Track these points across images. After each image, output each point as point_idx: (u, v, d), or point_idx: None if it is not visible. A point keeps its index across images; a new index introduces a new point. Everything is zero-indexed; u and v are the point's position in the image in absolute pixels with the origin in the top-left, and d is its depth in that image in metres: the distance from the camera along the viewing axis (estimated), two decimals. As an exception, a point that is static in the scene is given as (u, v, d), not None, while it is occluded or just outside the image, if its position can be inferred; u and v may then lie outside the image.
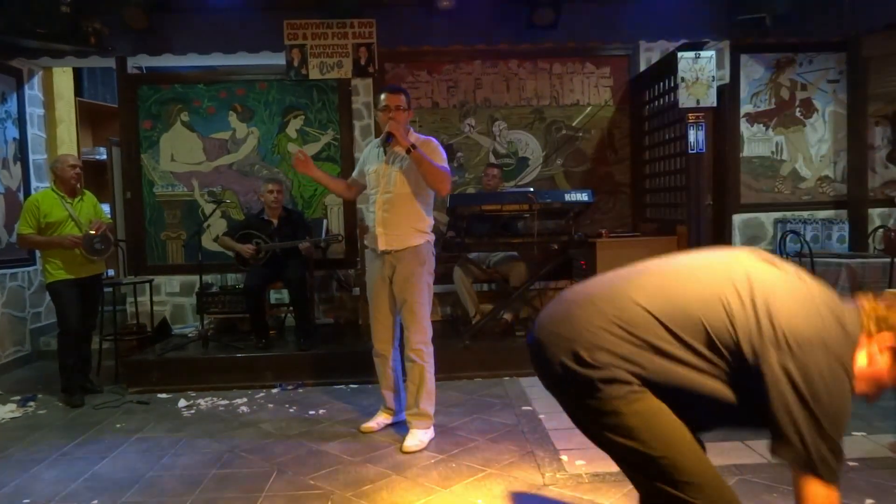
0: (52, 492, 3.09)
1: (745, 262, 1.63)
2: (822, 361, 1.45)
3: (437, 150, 3.52)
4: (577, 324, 1.65)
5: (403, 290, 3.50)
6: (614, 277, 1.76)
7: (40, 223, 4.41)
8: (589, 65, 6.19)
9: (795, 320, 1.48)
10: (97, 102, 7.40)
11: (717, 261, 1.68)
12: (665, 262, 1.76)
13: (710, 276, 1.62)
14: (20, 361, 5.78)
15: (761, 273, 1.59)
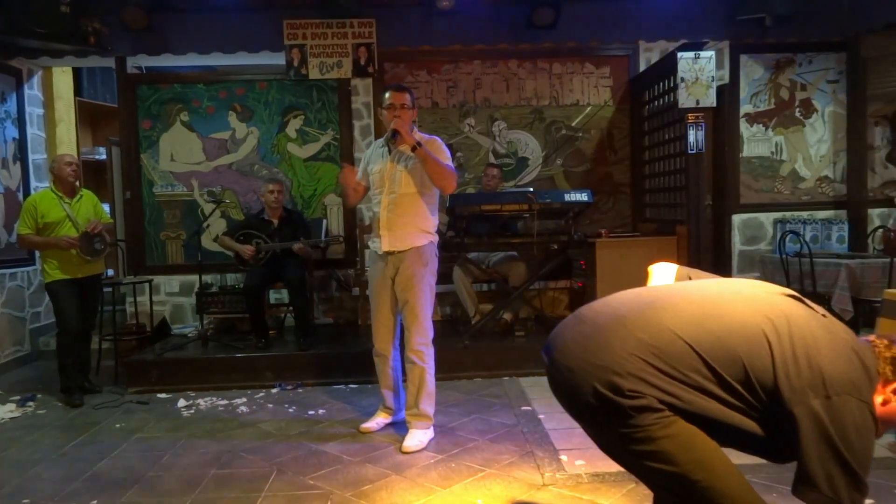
0: (51, 492, 3.09)
1: (781, 301, 1.62)
2: (855, 407, 1.45)
3: (441, 149, 3.51)
4: (612, 350, 1.58)
5: (406, 290, 3.49)
6: (643, 299, 1.70)
7: (38, 223, 4.41)
8: (588, 65, 6.19)
9: (832, 365, 1.48)
10: (97, 102, 7.39)
11: (753, 296, 1.65)
12: (696, 288, 1.72)
13: (749, 311, 1.59)
14: (20, 361, 5.78)
15: (798, 314, 1.57)
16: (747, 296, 1.66)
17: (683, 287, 1.74)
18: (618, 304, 1.73)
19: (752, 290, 1.68)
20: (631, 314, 1.65)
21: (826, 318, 1.59)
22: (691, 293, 1.69)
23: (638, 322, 1.61)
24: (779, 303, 1.61)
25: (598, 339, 1.63)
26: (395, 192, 3.47)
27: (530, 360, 4.92)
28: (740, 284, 1.72)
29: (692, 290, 1.71)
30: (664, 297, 1.69)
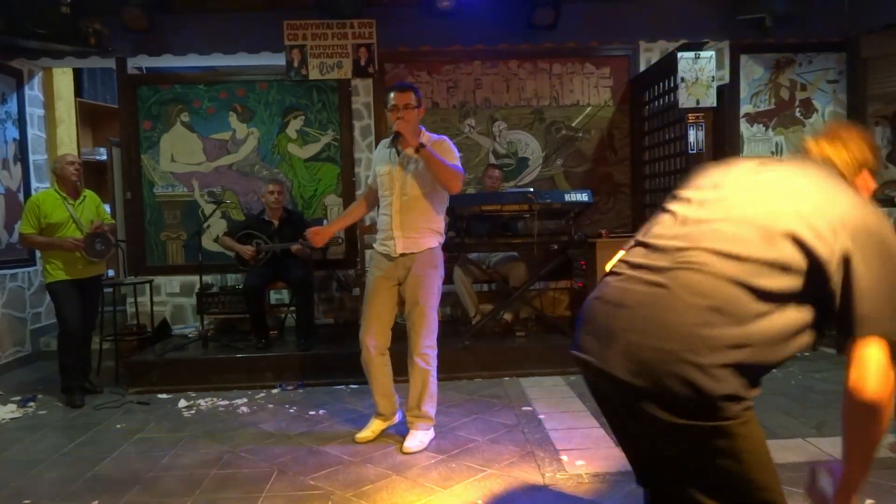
0: (52, 492, 3.09)
1: (783, 173, 1.51)
2: (877, 219, 1.39)
3: (449, 149, 3.46)
4: (675, 328, 1.36)
5: (416, 292, 3.44)
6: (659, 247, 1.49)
7: (41, 224, 4.41)
8: (589, 65, 6.19)
9: (846, 206, 1.40)
10: (97, 103, 7.40)
11: (755, 181, 1.51)
12: (701, 206, 1.51)
13: (765, 196, 1.45)
14: (20, 362, 5.78)
15: (805, 180, 1.48)
16: (752, 183, 1.51)
17: (692, 209, 1.53)
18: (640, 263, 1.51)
19: (752, 179, 1.53)
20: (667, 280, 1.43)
21: (808, 167, 1.54)
22: (706, 214, 1.49)
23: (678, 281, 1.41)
24: (783, 176, 1.51)
25: (652, 319, 1.40)
26: (407, 194, 3.43)
27: (531, 360, 4.92)
28: (738, 175, 1.55)
29: (708, 209, 1.50)
30: (686, 235, 1.48)
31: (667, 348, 1.36)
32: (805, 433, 3.41)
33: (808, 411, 3.82)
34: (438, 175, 3.35)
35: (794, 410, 3.81)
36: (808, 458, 3.12)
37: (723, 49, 5.98)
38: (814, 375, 4.60)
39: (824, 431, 3.43)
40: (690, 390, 1.32)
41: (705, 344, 1.34)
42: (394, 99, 3.42)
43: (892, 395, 1.30)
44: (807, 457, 3.13)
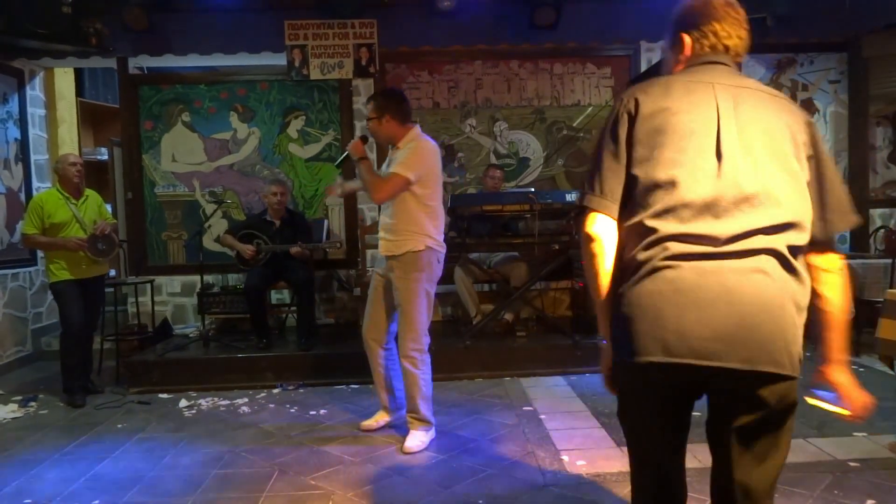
0: (53, 492, 3.10)
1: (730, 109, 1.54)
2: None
3: (403, 155, 3.42)
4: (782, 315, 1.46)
5: (399, 294, 3.47)
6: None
7: (44, 224, 4.41)
8: (590, 65, 6.19)
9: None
10: (98, 103, 7.40)
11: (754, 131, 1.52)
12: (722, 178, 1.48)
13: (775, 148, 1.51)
14: (21, 362, 5.79)
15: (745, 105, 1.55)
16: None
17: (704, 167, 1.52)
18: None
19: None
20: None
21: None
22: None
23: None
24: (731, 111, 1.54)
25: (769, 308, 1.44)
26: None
27: (532, 360, 4.92)
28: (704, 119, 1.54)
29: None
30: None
31: (780, 335, 1.45)
32: (805, 433, 3.40)
33: (807, 411, 3.81)
34: (365, 188, 3.54)
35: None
36: (809, 458, 3.12)
37: (724, 49, 5.97)
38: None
39: (825, 431, 3.43)
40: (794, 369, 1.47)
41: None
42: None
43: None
44: (807, 457, 3.13)
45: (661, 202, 1.47)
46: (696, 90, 1.55)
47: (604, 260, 1.54)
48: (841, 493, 2.75)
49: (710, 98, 1.53)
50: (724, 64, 1.64)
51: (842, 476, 2.92)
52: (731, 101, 1.53)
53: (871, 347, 4.20)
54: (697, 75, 1.60)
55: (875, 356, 3.53)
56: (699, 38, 1.70)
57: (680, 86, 1.59)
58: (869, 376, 4.57)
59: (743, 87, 1.57)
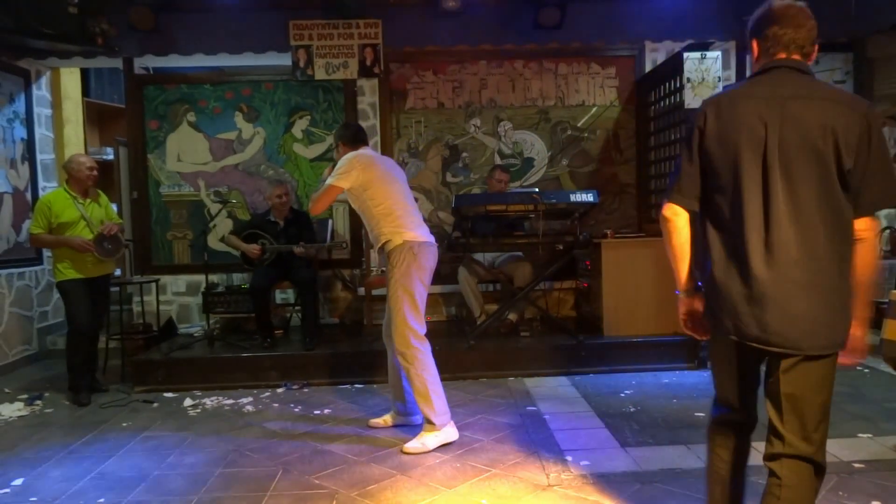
0: (58, 490, 3.11)
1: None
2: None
3: (337, 166, 3.65)
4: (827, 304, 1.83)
5: (388, 293, 3.60)
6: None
7: (51, 223, 4.43)
8: (594, 65, 6.19)
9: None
10: (104, 102, 7.43)
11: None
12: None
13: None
14: (27, 360, 5.81)
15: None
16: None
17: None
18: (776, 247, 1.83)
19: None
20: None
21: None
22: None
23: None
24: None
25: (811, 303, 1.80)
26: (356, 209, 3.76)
27: (536, 360, 4.93)
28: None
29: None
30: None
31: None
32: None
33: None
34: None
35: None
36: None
37: (729, 49, 5.97)
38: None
39: (829, 433, 3.41)
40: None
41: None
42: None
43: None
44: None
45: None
46: (747, 109, 1.86)
47: (672, 236, 2.06)
48: (846, 495, 2.75)
49: (756, 118, 1.84)
50: (787, 67, 1.88)
51: (847, 477, 2.91)
52: (777, 117, 1.82)
53: (877, 349, 4.19)
54: (757, 87, 1.90)
55: (880, 357, 3.52)
56: (762, 43, 1.95)
57: (739, 102, 1.90)
58: (874, 378, 4.56)
59: (792, 98, 1.82)
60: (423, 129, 6.16)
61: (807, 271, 1.78)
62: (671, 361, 4.95)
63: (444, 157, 6.20)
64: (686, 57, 4.91)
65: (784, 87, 1.84)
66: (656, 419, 3.82)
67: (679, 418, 3.82)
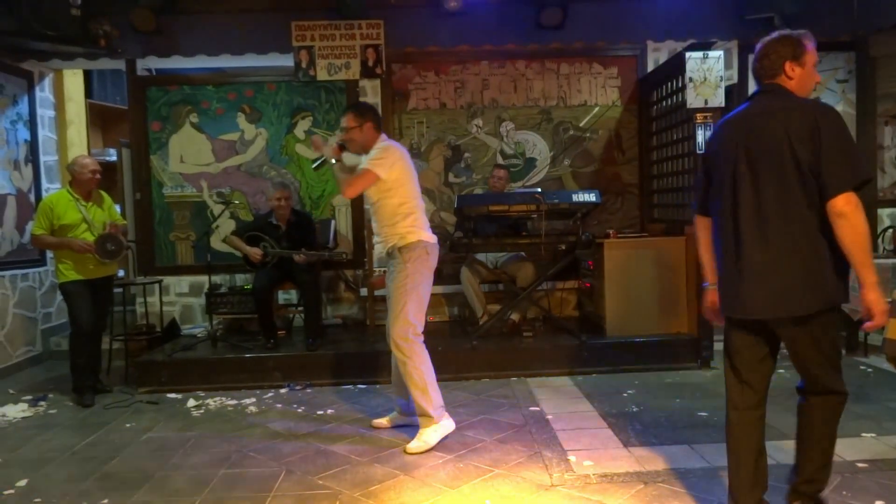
0: (62, 490, 3.12)
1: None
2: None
3: (377, 153, 3.58)
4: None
5: (389, 284, 3.61)
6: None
7: (54, 225, 4.44)
8: (596, 65, 6.18)
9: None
10: (107, 104, 7.44)
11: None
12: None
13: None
14: (31, 361, 5.83)
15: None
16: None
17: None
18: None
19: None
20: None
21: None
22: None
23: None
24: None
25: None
26: (369, 202, 3.69)
27: (538, 360, 4.92)
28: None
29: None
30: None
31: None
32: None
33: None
34: (340, 186, 3.70)
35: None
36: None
37: (731, 49, 5.96)
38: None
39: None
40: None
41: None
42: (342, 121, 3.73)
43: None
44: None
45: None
46: (725, 133, 2.40)
47: (698, 237, 2.57)
48: (850, 494, 2.74)
49: (728, 139, 2.36)
50: (761, 91, 2.37)
51: (851, 477, 2.91)
52: (744, 133, 2.30)
53: (880, 348, 4.18)
54: (737, 113, 2.39)
55: (883, 357, 3.52)
56: (755, 71, 2.41)
57: (722, 128, 2.44)
58: (878, 377, 4.55)
59: (757, 115, 2.30)
60: (425, 130, 6.16)
61: (766, 254, 2.22)
62: (674, 361, 4.95)
63: (447, 158, 6.20)
64: (688, 57, 4.90)
65: (753, 108, 2.34)
66: (659, 419, 3.82)
67: (682, 418, 3.82)
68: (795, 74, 2.32)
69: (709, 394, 4.30)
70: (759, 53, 2.37)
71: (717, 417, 3.79)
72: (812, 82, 2.38)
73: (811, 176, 2.15)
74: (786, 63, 2.31)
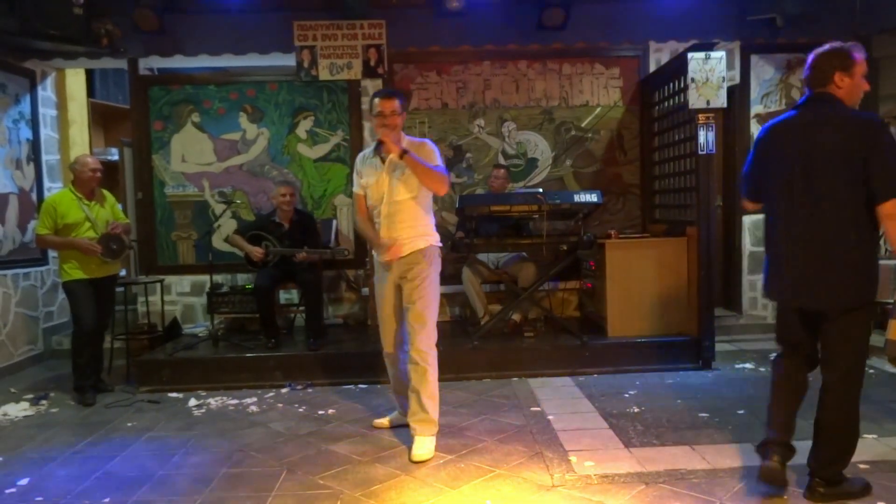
0: (64, 489, 3.12)
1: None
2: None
3: (432, 152, 3.47)
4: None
5: (412, 293, 3.44)
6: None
7: (57, 224, 4.45)
8: (598, 65, 6.18)
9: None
10: (109, 103, 7.45)
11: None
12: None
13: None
14: (33, 360, 5.83)
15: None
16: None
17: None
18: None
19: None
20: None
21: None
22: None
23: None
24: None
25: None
26: (393, 199, 3.45)
27: (540, 360, 4.92)
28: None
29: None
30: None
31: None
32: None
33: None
34: (424, 179, 3.40)
35: (803, 413, 3.79)
36: (819, 460, 3.10)
37: (733, 49, 5.96)
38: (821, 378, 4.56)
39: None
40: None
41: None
42: (378, 106, 3.42)
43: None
44: (817, 459, 3.11)
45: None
46: (783, 136, 2.67)
47: (749, 208, 3.03)
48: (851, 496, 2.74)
49: (787, 140, 2.64)
50: (816, 100, 2.61)
51: (852, 478, 2.90)
52: (799, 138, 2.58)
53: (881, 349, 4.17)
54: (796, 115, 2.65)
55: (885, 358, 3.51)
56: (806, 80, 2.68)
57: (785, 128, 2.68)
58: (879, 378, 4.54)
59: (810, 123, 2.57)
60: (427, 130, 6.16)
61: (814, 249, 2.53)
62: (675, 362, 4.95)
63: (448, 158, 6.20)
64: (690, 57, 4.90)
65: (805, 114, 2.61)
66: (660, 420, 3.82)
67: (683, 419, 3.82)
68: (844, 84, 2.54)
69: (710, 394, 4.29)
70: (810, 64, 2.60)
71: (719, 418, 3.79)
72: (860, 92, 2.60)
73: (861, 182, 2.45)
74: (835, 73, 2.53)
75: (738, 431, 3.55)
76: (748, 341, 5.71)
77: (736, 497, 2.77)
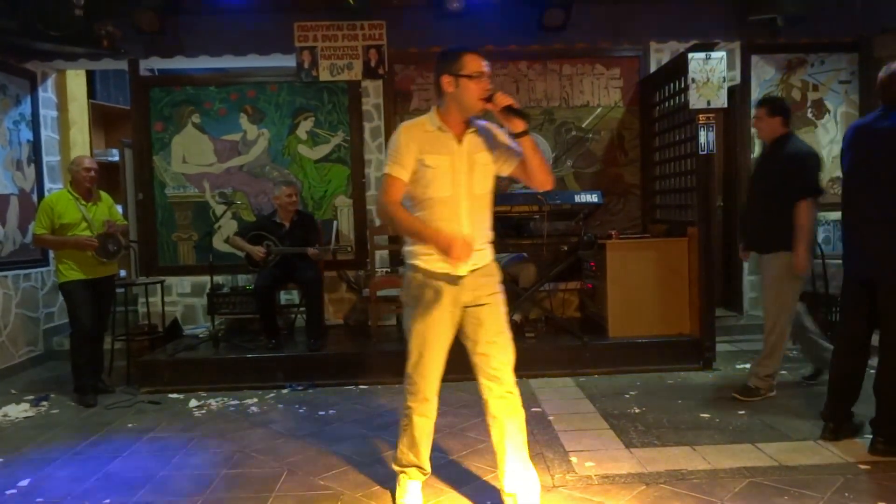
0: (64, 490, 3.12)
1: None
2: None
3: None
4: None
5: (498, 317, 2.66)
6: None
7: (54, 224, 4.45)
8: (599, 66, 6.18)
9: None
10: (110, 105, 7.45)
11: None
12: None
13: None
14: (33, 361, 5.83)
15: None
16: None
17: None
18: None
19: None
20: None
21: None
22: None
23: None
24: None
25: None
26: (474, 192, 2.62)
27: (540, 361, 4.92)
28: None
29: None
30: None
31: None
32: (817, 435, 3.39)
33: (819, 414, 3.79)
34: (540, 167, 2.63)
35: (804, 413, 3.79)
36: (819, 460, 3.10)
37: (734, 50, 5.96)
38: (823, 378, 4.55)
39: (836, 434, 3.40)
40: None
41: None
42: (476, 66, 2.68)
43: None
44: (818, 459, 3.11)
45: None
46: (857, 137, 3.26)
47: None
48: (851, 496, 2.74)
49: (859, 141, 3.23)
50: (884, 108, 3.16)
51: (853, 478, 2.90)
52: (868, 139, 3.18)
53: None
54: (870, 123, 3.24)
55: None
56: (882, 96, 3.22)
57: (855, 131, 3.30)
58: (880, 378, 4.53)
59: (875, 129, 3.16)
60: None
61: (881, 228, 3.06)
62: (676, 362, 4.94)
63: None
64: (691, 57, 4.90)
65: (879, 122, 3.15)
66: (661, 420, 3.81)
67: (684, 419, 3.82)
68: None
69: (711, 395, 4.29)
70: (884, 80, 3.19)
71: (720, 419, 3.78)
72: None
73: None
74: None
75: (739, 432, 3.55)
76: (749, 342, 5.70)
77: (737, 497, 2.77)
